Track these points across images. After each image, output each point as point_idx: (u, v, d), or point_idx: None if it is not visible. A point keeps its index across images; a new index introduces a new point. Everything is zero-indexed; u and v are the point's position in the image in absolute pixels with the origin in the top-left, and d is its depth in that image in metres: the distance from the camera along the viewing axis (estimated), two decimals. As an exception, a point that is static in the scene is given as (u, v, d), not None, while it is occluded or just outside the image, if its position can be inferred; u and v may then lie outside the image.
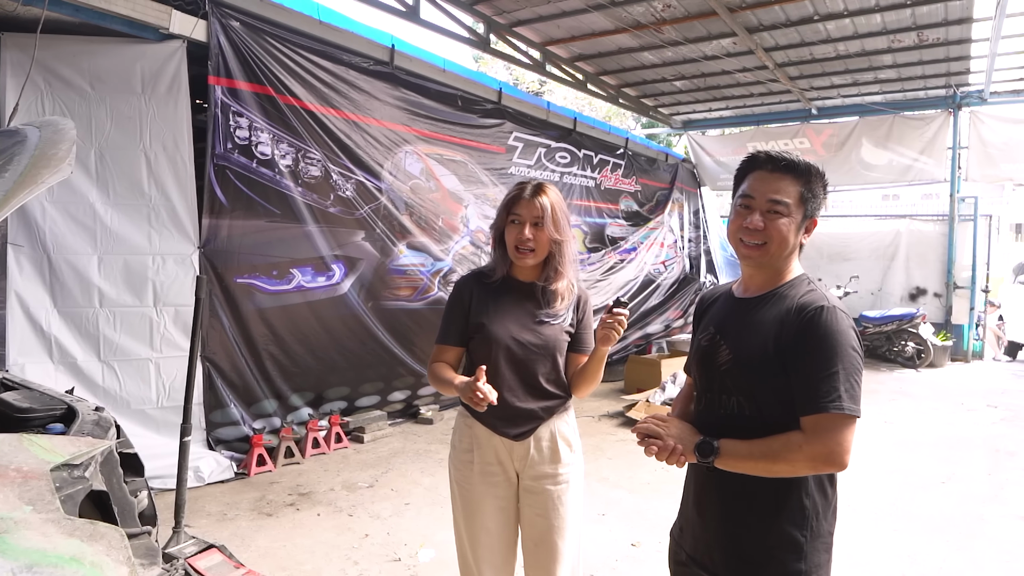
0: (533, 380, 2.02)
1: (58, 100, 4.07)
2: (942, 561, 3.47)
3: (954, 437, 5.89)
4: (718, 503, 1.54)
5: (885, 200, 17.02)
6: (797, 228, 1.50)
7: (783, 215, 1.48)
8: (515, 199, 2.04)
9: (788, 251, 1.51)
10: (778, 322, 1.45)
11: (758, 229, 1.48)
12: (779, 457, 1.38)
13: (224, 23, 4.52)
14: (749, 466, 1.41)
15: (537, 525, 2.05)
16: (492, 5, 7.30)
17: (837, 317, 1.40)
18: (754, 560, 1.47)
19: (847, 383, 1.36)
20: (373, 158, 5.62)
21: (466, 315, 2.06)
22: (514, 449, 2.03)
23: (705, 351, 1.61)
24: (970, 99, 9.61)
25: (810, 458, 1.36)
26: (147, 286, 4.36)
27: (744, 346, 1.50)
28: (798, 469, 1.39)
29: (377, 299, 5.78)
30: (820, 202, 1.52)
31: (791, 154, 1.51)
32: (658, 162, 10.47)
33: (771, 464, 1.39)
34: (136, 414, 4.26)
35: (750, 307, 1.54)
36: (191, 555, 2.65)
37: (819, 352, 1.38)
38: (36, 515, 1.28)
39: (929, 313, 9.97)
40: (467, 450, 2.06)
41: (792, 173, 1.49)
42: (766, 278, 1.55)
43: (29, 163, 1.55)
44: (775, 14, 7.16)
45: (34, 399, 2.01)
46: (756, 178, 1.52)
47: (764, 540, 1.46)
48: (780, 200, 1.47)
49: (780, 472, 1.40)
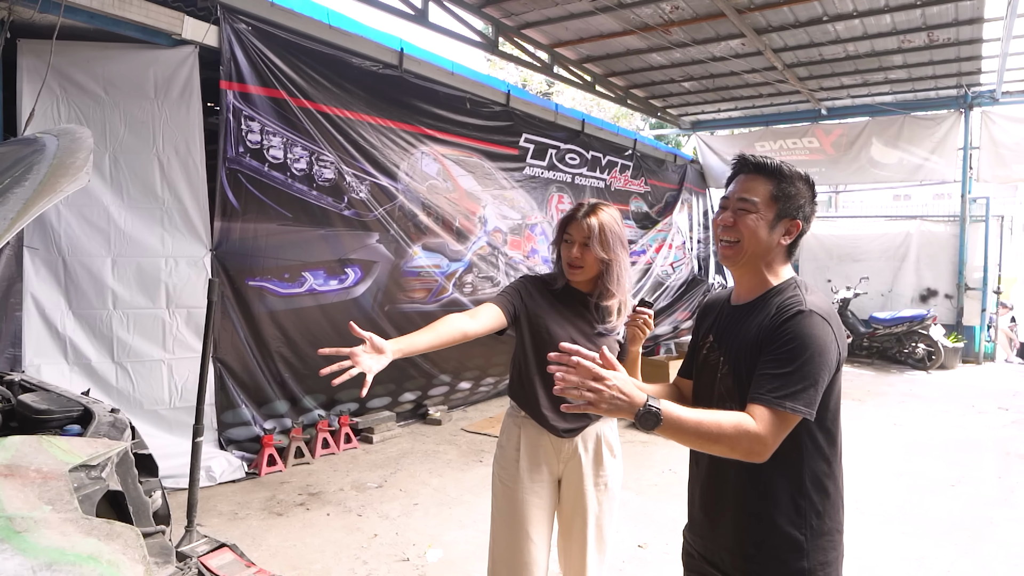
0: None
1: (73, 105, 4.13)
2: (950, 564, 3.47)
3: (964, 440, 5.85)
4: (721, 505, 1.57)
5: (896, 200, 16.92)
6: (769, 226, 1.53)
7: (750, 212, 1.52)
8: (569, 219, 2.13)
9: (764, 251, 1.54)
10: (759, 326, 1.48)
11: (728, 225, 1.55)
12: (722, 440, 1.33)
13: (235, 28, 4.58)
14: (689, 441, 1.36)
15: (576, 527, 2.12)
16: (500, 7, 7.33)
17: (812, 322, 1.41)
18: (757, 559, 1.50)
19: (801, 384, 1.36)
20: (388, 159, 5.67)
21: (521, 300, 2.12)
22: (562, 448, 2.10)
23: (706, 359, 1.65)
24: (982, 99, 9.53)
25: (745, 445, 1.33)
26: (160, 288, 4.42)
27: (736, 354, 1.53)
28: (725, 450, 1.35)
29: (391, 302, 5.82)
30: (798, 204, 1.54)
31: (765, 157, 1.56)
32: (667, 163, 10.46)
33: (712, 444, 1.35)
34: (149, 415, 4.32)
35: (741, 314, 1.57)
36: (203, 554, 2.69)
37: (782, 350, 1.40)
38: (55, 515, 1.32)
39: (940, 315, 9.90)
40: (515, 448, 2.12)
41: (762, 173, 1.54)
42: (753, 284, 1.58)
43: (48, 172, 1.59)
44: (784, 15, 7.15)
45: (52, 401, 2.06)
46: (735, 182, 1.59)
47: (766, 540, 1.49)
48: (747, 198, 1.53)
49: (716, 451, 1.37)
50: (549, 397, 2.04)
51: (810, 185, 1.56)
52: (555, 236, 2.21)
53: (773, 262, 1.56)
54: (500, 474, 2.16)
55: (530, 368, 2.10)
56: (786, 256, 1.59)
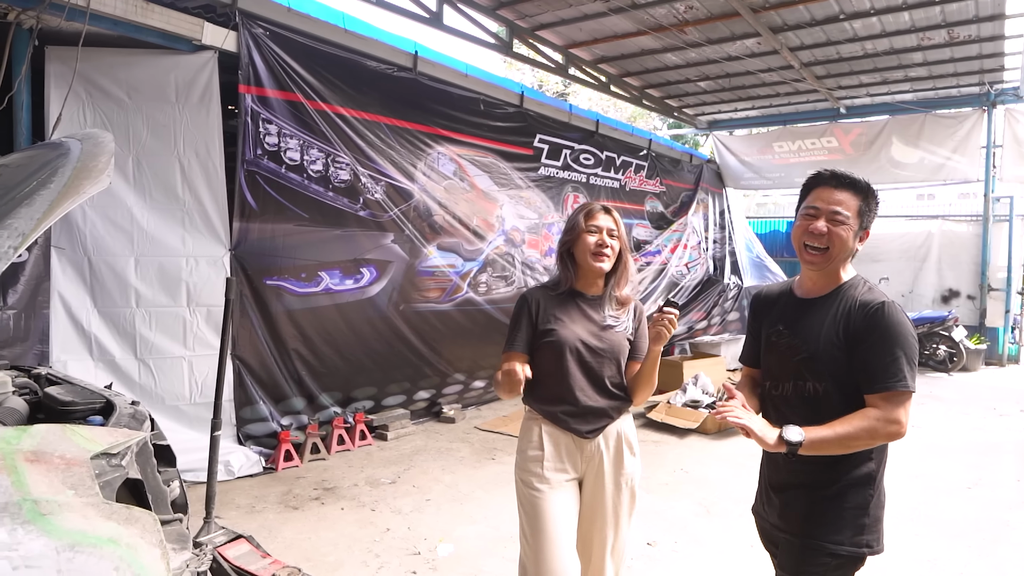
0: (600, 381, 2.13)
1: (98, 110, 4.26)
2: (963, 566, 3.44)
3: (984, 442, 5.78)
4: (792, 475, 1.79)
5: (920, 200, 16.66)
6: (854, 236, 1.76)
7: (843, 223, 1.73)
8: (591, 213, 2.20)
9: (844, 257, 1.78)
10: (845, 316, 1.71)
11: (822, 233, 1.74)
12: (858, 437, 1.62)
13: (253, 33, 4.69)
14: (830, 448, 1.64)
15: (596, 527, 2.13)
16: (514, 9, 7.39)
17: (896, 310, 1.68)
18: (828, 519, 1.72)
19: (908, 366, 1.63)
20: (405, 160, 5.76)
21: (533, 324, 2.15)
22: (584, 448, 2.11)
23: (776, 346, 1.86)
24: (1005, 96, 9.38)
25: (885, 430, 1.61)
26: (181, 287, 4.53)
27: (816, 340, 1.75)
28: (873, 440, 1.64)
29: (406, 301, 5.91)
30: (873, 216, 1.79)
31: (852, 173, 1.78)
32: (682, 163, 10.43)
33: (849, 443, 1.63)
34: (170, 410, 4.43)
35: (816, 307, 1.80)
36: (220, 544, 2.77)
37: (884, 341, 1.65)
38: (77, 499, 1.39)
39: (962, 316, 9.77)
40: (538, 449, 2.11)
41: (852, 189, 1.76)
42: (826, 281, 1.81)
43: (72, 175, 1.67)
44: (799, 14, 7.11)
45: (76, 393, 2.15)
46: (821, 191, 1.78)
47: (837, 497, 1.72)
48: (841, 212, 1.74)
49: (856, 448, 1.65)
50: (567, 401, 2.08)
51: (878, 201, 1.80)
52: (566, 236, 2.22)
53: (846, 264, 1.81)
54: (524, 478, 2.13)
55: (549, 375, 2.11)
56: (852, 258, 1.84)
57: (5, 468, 1.37)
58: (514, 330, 2.18)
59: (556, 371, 2.10)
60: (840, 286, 1.78)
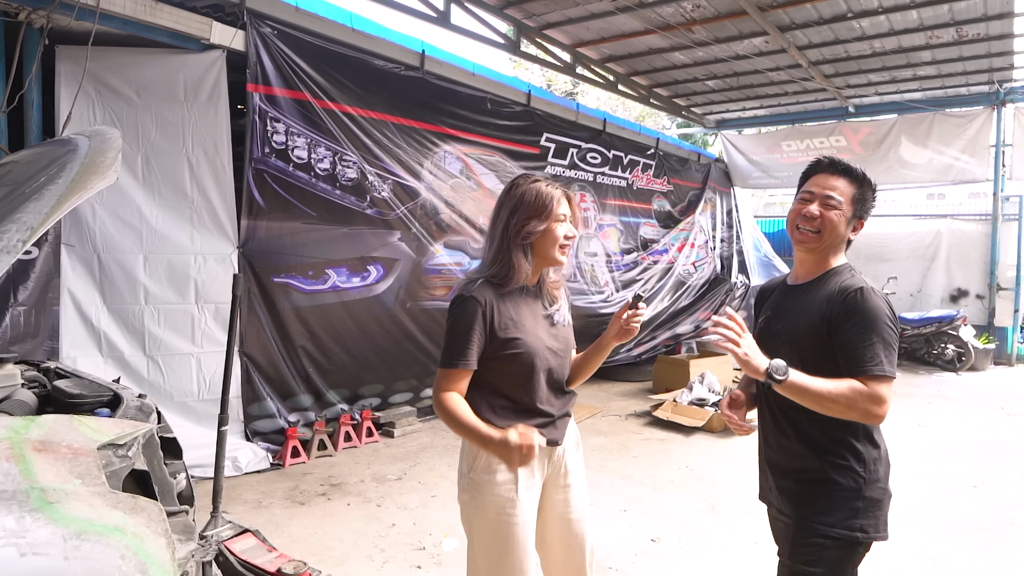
0: (560, 384, 2.00)
1: (108, 108, 4.31)
2: (967, 564, 3.43)
3: (991, 441, 5.75)
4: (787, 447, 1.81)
5: (930, 199, 16.54)
6: (847, 223, 1.79)
7: (836, 208, 1.78)
8: (562, 200, 1.93)
9: (836, 242, 1.81)
10: (825, 301, 1.74)
11: (814, 217, 1.78)
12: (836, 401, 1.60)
13: (261, 33, 4.72)
14: (807, 398, 1.62)
15: (572, 523, 2.02)
16: (522, 8, 7.39)
17: (872, 296, 1.70)
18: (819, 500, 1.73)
19: (885, 351, 1.64)
20: (411, 158, 5.78)
21: (488, 331, 1.85)
22: (552, 454, 1.97)
23: (763, 331, 1.90)
24: (1015, 95, 9.30)
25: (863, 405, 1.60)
26: (189, 284, 4.58)
27: (795, 324, 1.79)
28: (850, 411, 1.61)
29: (413, 299, 5.93)
30: (869, 206, 1.82)
31: (850, 163, 1.82)
32: (690, 162, 10.41)
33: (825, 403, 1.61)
34: (179, 406, 4.47)
35: (800, 292, 1.84)
36: (227, 538, 2.81)
37: (862, 325, 1.66)
38: (84, 488, 1.42)
39: (971, 315, 9.70)
40: (506, 470, 1.83)
41: (848, 176, 1.80)
42: (814, 266, 1.84)
43: (80, 170, 1.70)
44: (807, 12, 7.08)
45: (84, 386, 2.19)
46: (818, 178, 1.83)
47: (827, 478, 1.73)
48: (834, 196, 1.78)
49: (831, 407, 1.62)
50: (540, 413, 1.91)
51: (875, 192, 1.84)
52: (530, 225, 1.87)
53: (837, 251, 1.84)
54: (495, 502, 1.84)
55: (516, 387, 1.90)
56: (845, 247, 1.86)
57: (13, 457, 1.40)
58: (464, 340, 1.82)
59: (525, 383, 1.88)
60: (827, 272, 1.82)
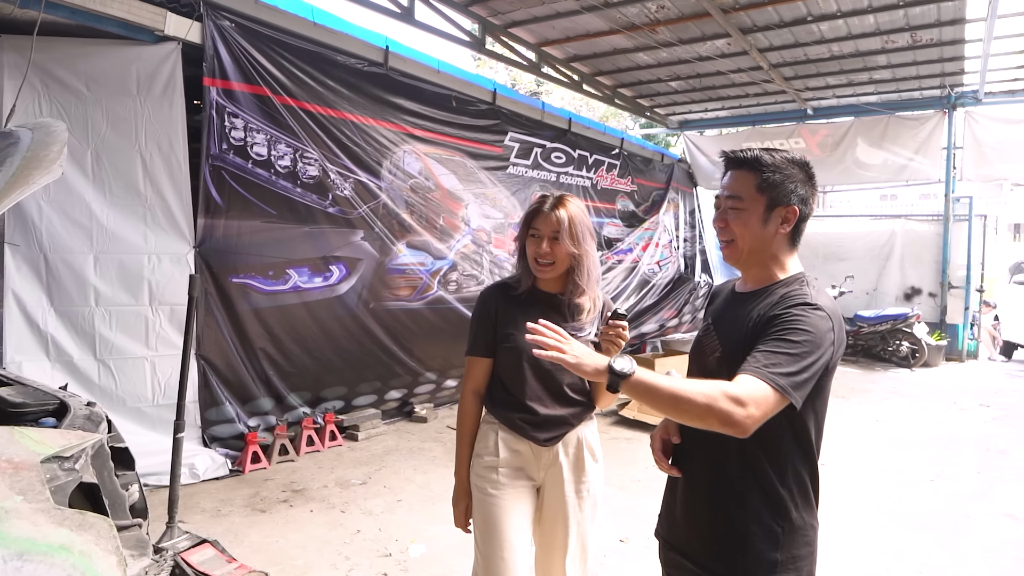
0: (559, 389, 2.01)
1: (55, 101, 4.11)
2: (927, 557, 3.52)
3: (945, 436, 5.93)
4: (698, 493, 1.55)
5: (883, 200, 17.07)
6: (762, 220, 1.49)
7: (738, 208, 1.51)
8: (535, 212, 2.01)
9: (763, 245, 1.51)
10: (759, 312, 1.45)
11: (722, 227, 1.54)
12: (692, 403, 1.28)
13: (218, 25, 4.57)
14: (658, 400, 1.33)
15: (558, 535, 2.03)
16: (487, 6, 7.35)
17: (815, 314, 1.38)
18: (732, 546, 1.48)
19: (794, 366, 1.32)
20: (372, 157, 5.68)
21: (493, 326, 2.04)
22: (541, 455, 2.01)
23: (699, 342, 1.64)
24: (965, 99, 9.64)
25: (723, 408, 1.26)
26: (143, 285, 4.40)
27: (732, 338, 1.50)
28: (708, 414, 1.28)
29: (376, 299, 5.82)
30: (789, 189, 1.48)
31: (746, 149, 1.53)
32: (654, 162, 10.52)
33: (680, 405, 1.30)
34: (132, 412, 4.30)
35: (744, 301, 1.54)
36: (184, 550, 2.69)
37: (781, 332, 1.37)
38: (26, 505, 1.32)
39: (924, 313, 10.01)
40: (493, 455, 2.01)
41: (743, 167, 1.52)
42: (759, 275, 1.55)
43: (21, 164, 1.59)
44: (768, 15, 7.20)
45: (28, 395, 2.06)
46: (725, 179, 1.57)
47: (741, 528, 1.46)
48: (733, 194, 1.52)
49: (686, 417, 1.31)
50: (525, 409, 1.98)
51: (802, 166, 1.51)
52: (520, 232, 2.07)
53: (777, 254, 1.53)
54: (478, 484, 2.03)
55: (508, 381, 2.03)
56: (790, 245, 1.54)
57: (-54, 473, 1.30)
58: (476, 332, 2.07)
59: (514, 378, 2.00)
60: (774, 283, 1.51)
